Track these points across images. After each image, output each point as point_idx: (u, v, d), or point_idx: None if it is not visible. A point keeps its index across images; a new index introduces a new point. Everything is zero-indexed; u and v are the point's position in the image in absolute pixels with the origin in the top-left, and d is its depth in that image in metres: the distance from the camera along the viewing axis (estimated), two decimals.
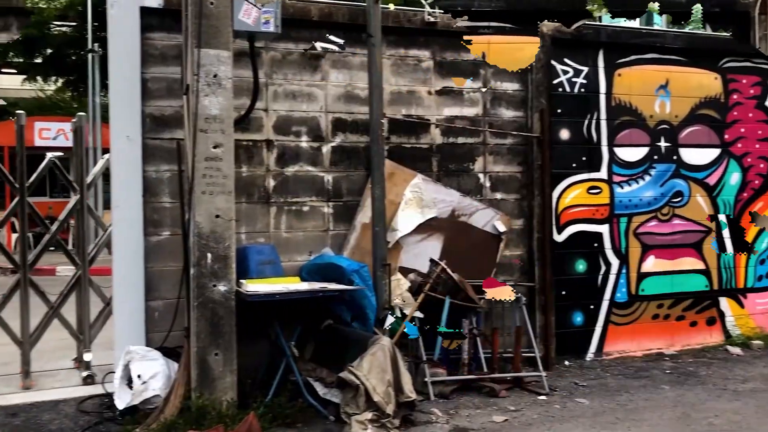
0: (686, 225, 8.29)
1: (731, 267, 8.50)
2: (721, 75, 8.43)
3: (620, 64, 7.99)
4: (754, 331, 8.57)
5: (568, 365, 7.69)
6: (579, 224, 7.84)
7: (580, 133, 7.84)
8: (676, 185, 8.24)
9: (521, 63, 7.55)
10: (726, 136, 8.45)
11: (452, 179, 7.39)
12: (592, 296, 7.92)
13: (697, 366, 7.67)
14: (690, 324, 8.35)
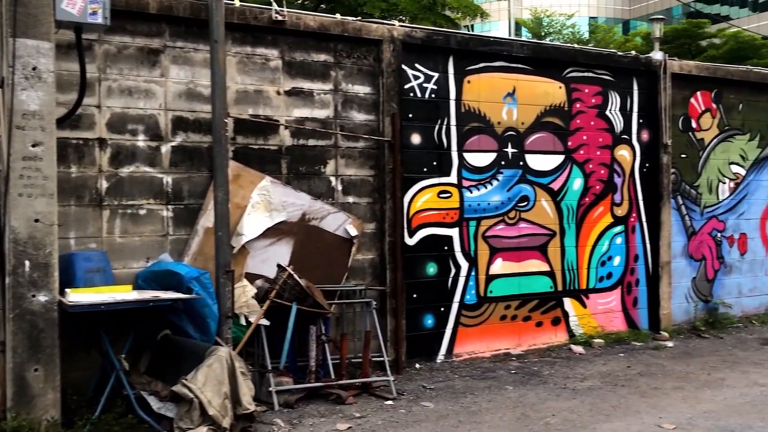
0: (532, 228, 8.56)
1: (574, 269, 8.87)
2: (566, 84, 8.79)
3: (470, 71, 8.14)
4: (595, 330, 8.99)
5: (419, 368, 7.73)
6: (430, 228, 7.90)
7: (431, 138, 7.91)
8: (523, 190, 8.49)
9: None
10: (569, 143, 8.81)
11: (303, 182, 7.23)
12: (443, 299, 8.00)
13: (541, 365, 7.92)
14: (536, 324, 8.63)
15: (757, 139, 10.45)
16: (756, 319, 10.36)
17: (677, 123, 9.68)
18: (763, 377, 7.37)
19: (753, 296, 10.48)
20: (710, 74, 9.89)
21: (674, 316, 9.64)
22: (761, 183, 10.52)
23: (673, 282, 9.60)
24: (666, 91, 9.35)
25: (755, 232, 10.47)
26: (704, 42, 28.68)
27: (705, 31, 28.59)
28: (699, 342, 9.17)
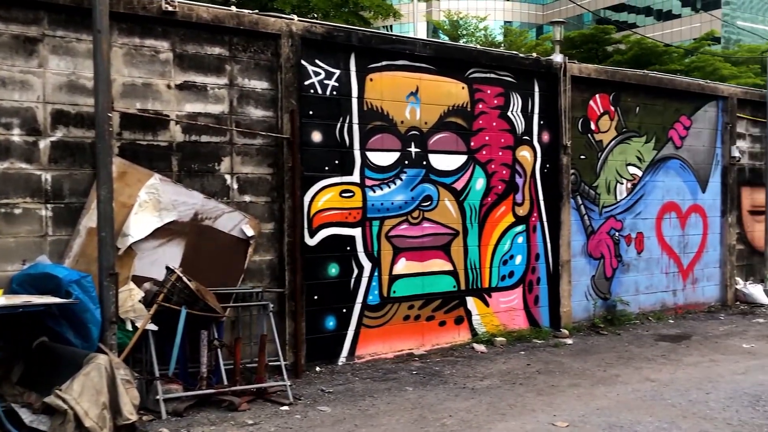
0: (435, 228, 8.54)
1: (477, 268, 8.91)
2: (468, 85, 8.81)
3: (372, 68, 8.03)
4: (498, 328, 9.05)
5: (320, 371, 7.56)
6: (332, 228, 7.75)
7: (333, 136, 7.76)
8: (426, 189, 8.46)
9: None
10: (472, 143, 8.84)
11: (195, 180, 6.94)
12: (345, 300, 7.87)
13: (443, 365, 7.90)
14: (439, 324, 8.61)
15: (653, 141, 10.80)
16: (652, 316, 10.70)
17: (577, 125, 9.88)
18: (654, 372, 7.58)
19: (649, 293, 10.82)
20: (609, 77, 10.15)
21: (574, 313, 9.84)
22: (657, 184, 10.88)
23: (573, 280, 9.79)
24: (566, 93, 9.53)
25: (651, 231, 10.82)
26: (610, 48, 29.70)
27: (611, 37, 29.60)
28: (597, 339, 9.38)
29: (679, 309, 11.17)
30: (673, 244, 11.13)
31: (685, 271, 11.32)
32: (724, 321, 10.67)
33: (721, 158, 11.81)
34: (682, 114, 11.19)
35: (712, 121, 11.68)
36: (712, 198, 11.70)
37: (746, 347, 8.83)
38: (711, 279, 11.72)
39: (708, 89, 11.51)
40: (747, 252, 12.41)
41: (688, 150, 11.31)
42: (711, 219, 11.68)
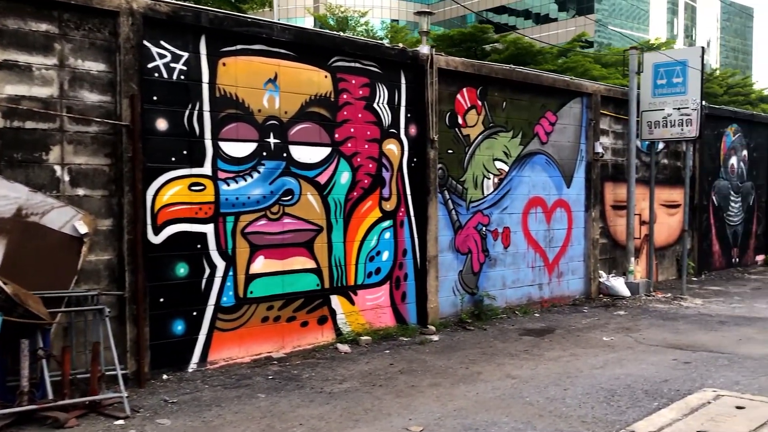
0: (297, 224, 8.12)
1: (342, 265, 8.56)
2: (331, 73, 8.44)
3: (225, 52, 7.50)
4: (363, 327, 8.75)
5: (167, 379, 6.97)
6: (180, 224, 7.16)
7: (181, 124, 7.17)
8: (287, 183, 8.02)
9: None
10: (336, 135, 8.48)
11: (18, 171, 6.17)
12: (196, 302, 7.30)
13: (303, 368, 7.49)
14: (301, 324, 8.20)
15: (519, 136, 10.85)
16: (519, 310, 10.76)
17: (444, 118, 9.74)
18: (516, 369, 7.50)
19: (516, 288, 10.88)
20: (476, 71, 10.07)
21: (442, 309, 9.71)
22: (523, 179, 10.95)
23: (440, 276, 9.66)
24: (433, 86, 9.35)
25: (518, 226, 10.88)
26: (489, 47, 30.29)
27: (489, 36, 30.19)
28: (464, 335, 9.27)
29: (545, 302, 11.32)
30: (539, 238, 11.25)
31: (551, 265, 11.48)
32: (587, 314, 10.88)
33: (586, 154, 12.07)
34: (548, 110, 11.32)
35: (577, 117, 11.91)
36: (577, 193, 11.94)
37: (606, 340, 8.98)
38: (576, 272, 11.97)
39: (573, 86, 11.72)
40: (610, 246, 12.78)
41: (554, 145, 11.47)
42: (575, 214, 11.92)
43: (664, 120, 12.34)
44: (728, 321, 10.22)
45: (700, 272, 15.03)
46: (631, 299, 12.02)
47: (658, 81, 12.45)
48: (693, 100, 12.01)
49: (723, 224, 15.94)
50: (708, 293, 12.98)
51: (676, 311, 11.07)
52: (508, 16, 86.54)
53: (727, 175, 16.02)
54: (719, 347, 8.49)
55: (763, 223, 17.42)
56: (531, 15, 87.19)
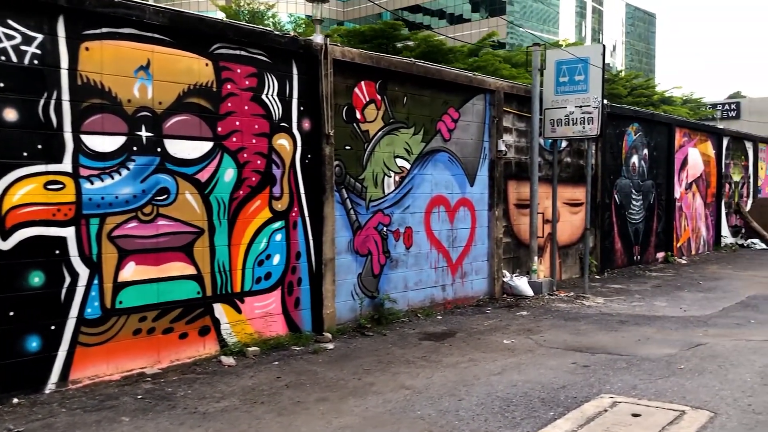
0: (174, 226, 7.41)
1: (227, 270, 7.91)
2: (213, 61, 7.76)
3: (89, 36, 6.71)
4: (251, 337, 8.12)
5: (17, 403, 6.15)
6: (33, 227, 6.34)
7: (35, 115, 6.34)
8: (162, 181, 7.30)
9: None
10: (219, 128, 7.81)
11: None
12: (54, 315, 6.49)
13: (179, 385, 6.81)
14: (180, 336, 7.50)
15: (421, 133, 10.46)
16: (421, 313, 10.37)
17: (341, 113, 9.22)
18: (411, 378, 7.07)
19: (419, 289, 10.49)
20: (374, 64, 9.59)
21: (340, 314, 9.19)
22: (425, 177, 10.56)
23: (338, 279, 9.13)
24: (327, 77, 8.81)
25: (420, 225, 10.49)
26: (400, 44, 30.04)
27: (400, 33, 29.95)
28: (362, 341, 8.78)
29: (448, 304, 10.98)
30: (443, 238, 10.90)
31: (454, 265, 11.16)
32: (490, 315, 10.60)
33: (489, 152, 11.82)
34: (450, 106, 10.98)
35: (481, 114, 11.63)
36: (480, 191, 11.67)
37: (507, 343, 8.68)
38: (479, 272, 11.70)
39: (476, 82, 11.42)
40: (514, 245, 12.60)
41: (457, 143, 11.15)
42: (479, 212, 11.65)
43: (566, 118, 12.24)
44: (628, 320, 10.15)
45: (602, 270, 15.12)
46: (535, 299, 11.85)
47: (561, 79, 12.34)
48: (594, 98, 11.95)
49: (625, 222, 16.12)
50: (610, 291, 12.99)
51: (578, 311, 10.95)
52: (423, 15, 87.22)
53: (628, 173, 16.21)
54: (618, 349, 8.33)
55: (663, 220, 17.77)
56: (445, 15, 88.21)
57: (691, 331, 9.35)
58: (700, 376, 7.06)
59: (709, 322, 10.06)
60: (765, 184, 24.92)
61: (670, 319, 10.28)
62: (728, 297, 12.36)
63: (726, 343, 8.61)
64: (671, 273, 15.86)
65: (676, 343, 8.63)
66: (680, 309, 11.18)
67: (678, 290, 13.21)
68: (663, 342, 8.69)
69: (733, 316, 10.53)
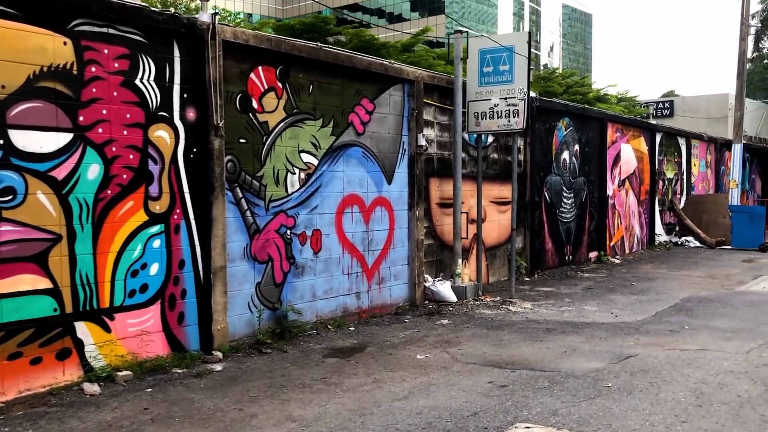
0: (22, 232, 6.25)
1: (92, 283, 6.78)
2: (73, 40, 6.62)
3: None
4: (123, 359, 7.01)
5: None
6: None
7: None
8: (5, 179, 6.13)
9: None
10: (81, 118, 6.68)
11: None
12: None
13: (21, 422, 5.68)
14: (32, 361, 6.34)
15: (330, 125, 9.49)
16: (332, 324, 9.40)
17: (234, 101, 8.17)
18: (302, 406, 6.09)
19: (329, 298, 9.52)
20: (273, 47, 8.56)
21: (234, 330, 8.15)
22: (336, 174, 9.60)
23: (231, 290, 8.09)
24: (216, 61, 7.76)
25: (330, 228, 9.52)
26: (331, 39, 29.03)
27: (331, 28, 28.94)
28: (257, 360, 7.76)
29: (363, 313, 10.05)
30: (356, 241, 9.96)
31: (371, 270, 10.23)
32: (408, 324, 9.71)
33: (408, 147, 10.94)
34: (363, 97, 10.05)
35: (398, 106, 10.74)
36: (399, 190, 10.78)
37: (420, 358, 7.80)
38: (399, 277, 10.81)
39: (392, 71, 10.51)
40: (436, 247, 11.76)
41: (372, 137, 10.23)
42: (398, 213, 10.75)
43: (491, 111, 11.46)
44: (555, 328, 9.40)
45: (532, 272, 14.43)
46: (458, 305, 11.02)
47: (485, 69, 11.56)
48: (520, 89, 11.20)
49: (556, 221, 15.49)
50: (539, 295, 12.29)
51: (503, 318, 10.17)
52: (362, 14, 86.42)
53: (559, 170, 15.59)
54: (541, 363, 7.54)
55: (595, 219, 17.25)
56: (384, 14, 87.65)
57: (621, 340, 8.65)
58: (630, 396, 6.29)
59: (641, 329, 9.40)
60: (698, 181, 24.86)
61: (600, 326, 9.58)
62: (662, 300, 11.80)
63: (658, 354, 7.93)
64: (604, 274, 15.31)
65: (605, 355, 7.90)
66: (611, 314, 10.52)
67: (610, 293, 12.60)
68: (591, 354, 7.95)
69: (667, 321, 9.91)
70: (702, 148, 25.22)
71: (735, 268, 16.41)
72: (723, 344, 8.43)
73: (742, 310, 10.73)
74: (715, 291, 12.78)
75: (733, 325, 9.61)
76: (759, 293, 12.50)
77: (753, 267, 16.53)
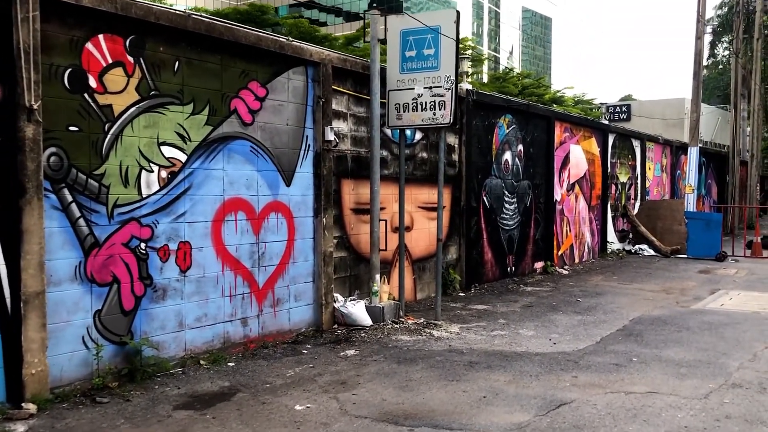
0: None
1: None
2: None
3: None
4: None
5: None
6: None
7: None
8: None
9: None
10: None
11: None
12: None
13: None
14: None
15: (205, 113, 7.71)
16: (206, 358, 7.60)
17: (61, 78, 6.33)
18: None
19: (203, 327, 7.72)
20: (120, 11, 6.72)
21: (60, 373, 6.31)
22: (213, 173, 7.81)
23: (56, 321, 6.25)
24: (28, 23, 5.91)
25: (205, 239, 7.72)
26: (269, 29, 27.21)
27: (269, 18, 27.15)
28: (85, 413, 5.92)
29: (251, 343, 8.27)
30: (243, 255, 8.18)
31: (262, 290, 8.46)
32: (304, 357, 7.97)
33: (314, 142, 9.19)
34: (252, 79, 8.28)
35: (300, 93, 8.99)
36: (301, 193, 9.03)
37: (299, 410, 6.07)
38: (301, 298, 9.05)
39: (291, 49, 8.74)
40: (351, 260, 10.04)
41: (265, 129, 8.46)
42: (299, 220, 9.00)
43: (414, 102, 9.79)
44: (480, 361, 7.76)
45: (469, 286, 12.81)
46: (373, 329, 9.32)
47: (407, 53, 9.89)
48: (447, 77, 9.55)
49: (497, 229, 13.89)
50: (471, 315, 10.65)
51: (422, 346, 8.49)
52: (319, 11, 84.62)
53: (500, 172, 14.01)
54: (451, 416, 5.87)
55: (542, 226, 15.73)
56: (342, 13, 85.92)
57: (556, 379, 7.04)
58: None
59: (581, 361, 7.81)
60: (653, 186, 23.63)
61: (534, 357, 7.97)
62: (609, 321, 10.26)
63: (598, 399, 6.33)
64: (549, 287, 13.76)
65: (533, 402, 6.27)
66: (549, 340, 8.93)
67: (552, 311, 11.03)
68: (515, 400, 6.31)
69: (612, 351, 8.35)
70: (657, 151, 24.01)
71: (691, 280, 15.04)
72: (677, 384, 6.88)
73: (699, 335, 9.25)
74: (669, 309, 11.32)
75: (689, 356, 8.09)
76: (717, 312, 11.07)
77: (710, 279, 15.19)
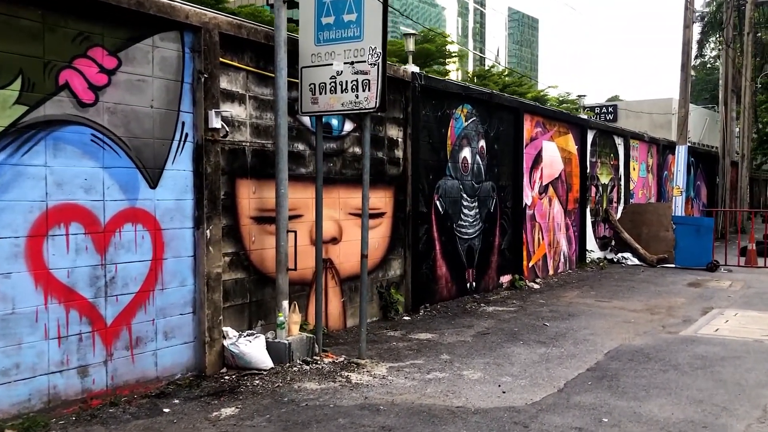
0: None
1: None
2: None
3: None
4: None
5: None
6: None
7: None
8: None
9: None
10: None
11: None
12: None
13: None
14: None
15: (15, 87, 5.61)
16: (16, 426, 5.49)
17: None
18: None
19: (12, 382, 5.60)
20: None
21: None
22: (28, 171, 5.71)
23: None
24: None
25: (14, 263, 5.61)
26: None
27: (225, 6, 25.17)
28: None
29: (95, 399, 6.15)
30: (79, 282, 6.04)
31: (112, 328, 6.34)
32: (159, 421, 5.87)
33: (193, 130, 7.10)
34: (95, 45, 6.18)
35: (172, 66, 6.90)
36: (175, 197, 6.93)
37: None
38: (175, 335, 6.95)
39: (154, 7, 6.62)
40: (252, 282, 7.94)
41: (116, 112, 6.36)
42: (172, 233, 6.90)
43: (332, 81, 7.73)
44: (396, 426, 5.70)
45: (416, 307, 10.73)
46: (273, 373, 7.23)
47: (324, 19, 7.83)
48: (372, 48, 7.50)
49: (453, 238, 11.82)
50: (409, 348, 8.59)
51: (328, 400, 6.42)
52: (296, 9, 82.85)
53: (457, 172, 11.94)
54: None
55: (509, 234, 13.68)
56: None
57: None
58: None
59: (533, 424, 5.77)
60: (638, 188, 21.68)
61: (471, 417, 5.92)
62: (579, 354, 8.25)
63: None
64: (514, 307, 11.71)
65: None
66: (498, 387, 6.91)
67: (510, 341, 8.99)
68: None
69: (577, 405, 6.31)
70: (642, 150, 22.07)
71: (680, 295, 13.07)
72: None
73: (691, 378, 7.25)
74: (653, 337, 9.32)
75: (678, 413, 6.08)
76: (711, 341, 9.07)
77: (701, 294, 13.22)
